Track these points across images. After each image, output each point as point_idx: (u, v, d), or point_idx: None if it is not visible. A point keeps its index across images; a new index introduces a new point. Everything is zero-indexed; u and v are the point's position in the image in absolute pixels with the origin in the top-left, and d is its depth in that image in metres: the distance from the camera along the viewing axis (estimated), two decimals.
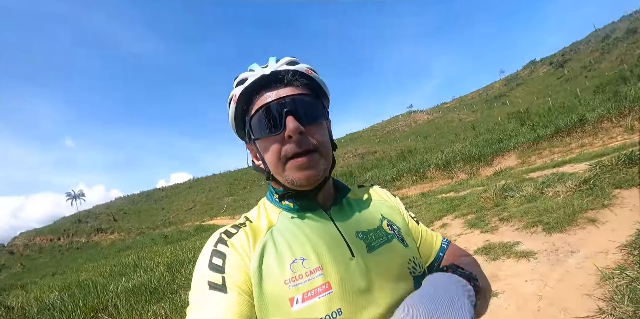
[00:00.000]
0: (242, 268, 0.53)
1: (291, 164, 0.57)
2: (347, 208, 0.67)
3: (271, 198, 0.67)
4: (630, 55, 26.94)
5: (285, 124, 0.55)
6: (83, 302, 4.62)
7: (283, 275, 0.52)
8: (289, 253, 0.55)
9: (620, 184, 3.84)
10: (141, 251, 11.74)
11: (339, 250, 0.56)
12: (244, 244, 0.57)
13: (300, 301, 0.50)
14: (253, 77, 0.59)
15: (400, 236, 0.65)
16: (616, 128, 8.76)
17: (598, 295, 2.00)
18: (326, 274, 0.53)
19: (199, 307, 0.49)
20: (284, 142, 0.57)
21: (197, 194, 51.20)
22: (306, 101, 0.59)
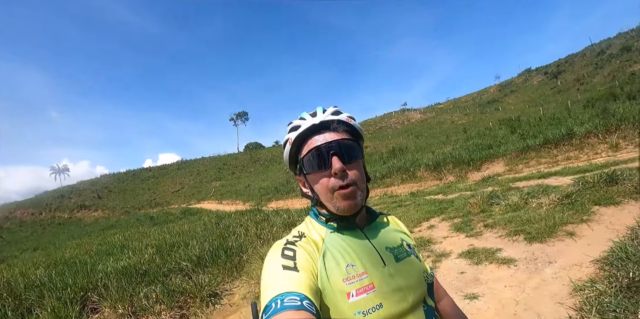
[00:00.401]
0: (310, 263, 0.69)
1: (338, 194, 0.72)
2: (377, 229, 0.83)
3: (316, 219, 0.82)
4: (623, 73, 27.62)
5: (331, 162, 0.71)
6: (73, 280, 4.65)
7: (341, 275, 0.68)
8: (342, 259, 0.71)
9: (599, 201, 4.08)
10: (127, 231, 11.71)
11: (375, 260, 0.73)
12: (310, 250, 0.72)
13: (354, 295, 0.66)
14: (305, 125, 0.75)
15: (416, 254, 0.84)
16: (601, 144, 9.10)
17: (569, 304, 2.20)
18: (370, 277, 0.69)
19: (274, 282, 0.62)
20: (330, 177, 0.72)
21: (185, 176, 50.73)
22: (347, 144, 0.75)
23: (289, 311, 0.53)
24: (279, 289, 0.59)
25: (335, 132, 0.75)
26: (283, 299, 0.56)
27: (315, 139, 0.75)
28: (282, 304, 0.55)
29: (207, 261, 4.78)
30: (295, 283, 0.61)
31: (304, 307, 0.55)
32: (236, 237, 6.06)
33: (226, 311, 3.64)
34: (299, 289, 0.59)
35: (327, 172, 0.72)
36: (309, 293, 0.60)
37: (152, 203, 37.83)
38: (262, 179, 34.51)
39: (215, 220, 9.29)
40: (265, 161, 48.73)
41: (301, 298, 0.57)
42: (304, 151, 0.76)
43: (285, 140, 0.80)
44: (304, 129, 0.75)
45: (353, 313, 0.64)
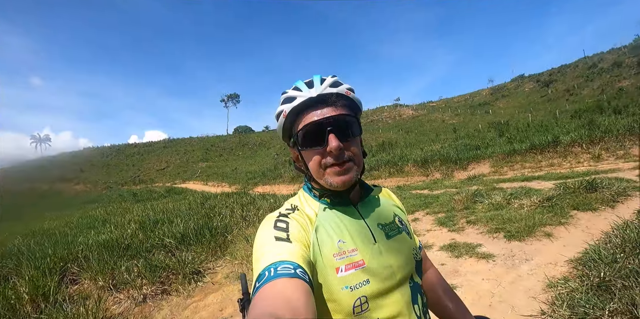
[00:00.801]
0: (303, 235, 0.68)
1: (330, 170, 0.70)
2: (370, 204, 0.82)
3: (310, 193, 0.81)
4: (611, 88, 28.27)
5: (327, 140, 0.68)
6: (52, 250, 4.59)
7: (332, 250, 0.68)
8: (335, 235, 0.71)
9: (578, 206, 4.26)
10: (109, 206, 11.55)
11: (366, 237, 0.73)
12: (303, 222, 0.72)
13: (343, 270, 0.67)
14: (301, 98, 0.70)
15: (407, 230, 0.84)
16: (584, 154, 9.41)
17: (542, 299, 2.32)
18: (361, 254, 0.70)
19: (267, 252, 0.62)
20: (325, 154, 0.70)
21: (171, 155, 49.92)
22: (345, 120, 0.71)
23: (282, 279, 0.54)
24: (272, 259, 0.59)
25: (333, 107, 0.71)
26: (276, 267, 0.56)
27: (312, 114, 0.71)
28: (275, 272, 0.55)
29: (191, 239, 4.78)
30: (289, 253, 0.61)
31: (298, 275, 0.55)
32: (221, 217, 6.05)
33: (208, 289, 3.67)
34: (292, 258, 0.59)
35: (323, 149, 0.69)
36: (302, 262, 0.60)
37: (136, 180, 37.22)
38: (250, 163, 34.32)
39: (200, 200, 9.23)
40: (254, 145, 48.36)
41: (294, 266, 0.57)
42: (299, 125, 0.73)
43: (279, 112, 0.75)
44: (299, 102, 0.71)
45: (340, 288, 0.65)
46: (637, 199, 4.36)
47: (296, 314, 0.48)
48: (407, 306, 0.70)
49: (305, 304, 0.51)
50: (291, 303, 0.50)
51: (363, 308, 0.65)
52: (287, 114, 0.72)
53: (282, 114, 0.74)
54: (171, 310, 3.30)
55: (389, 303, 0.68)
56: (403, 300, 0.70)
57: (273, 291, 0.53)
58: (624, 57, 36.73)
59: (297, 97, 0.71)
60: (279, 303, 0.50)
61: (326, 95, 0.70)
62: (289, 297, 0.51)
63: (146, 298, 3.47)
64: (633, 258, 2.31)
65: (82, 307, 3.12)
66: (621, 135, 9.49)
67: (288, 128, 0.76)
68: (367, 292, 0.66)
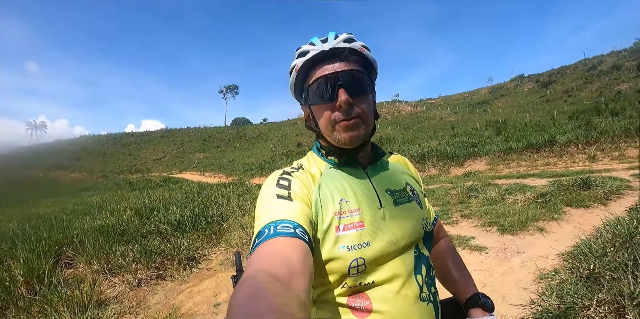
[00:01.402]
0: (305, 193, 0.68)
1: (339, 126, 0.69)
2: (381, 169, 0.80)
3: (318, 153, 0.80)
4: (610, 90, 28.36)
5: (337, 95, 0.66)
6: (47, 234, 4.59)
7: (334, 208, 0.68)
8: (338, 193, 0.70)
9: (571, 203, 4.31)
10: (105, 194, 11.53)
11: (372, 200, 0.72)
12: (306, 181, 0.72)
13: (342, 230, 0.66)
14: (314, 51, 0.69)
15: (418, 199, 0.81)
16: (580, 154, 9.48)
17: (532, 290, 2.37)
18: (362, 215, 0.68)
19: (268, 209, 0.62)
20: (334, 109, 0.68)
21: (168, 145, 49.74)
22: (356, 75, 0.69)
23: (281, 237, 0.54)
24: (272, 217, 0.59)
25: (345, 62, 0.69)
26: (276, 226, 0.56)
27: (324, 68, 0.69)
28: (275, 230, 0.55)
29: (186, 226, 4.80)
30: (289, 211, 0.61)
31: (297, 234, 0.55)
32: (217, 206, 6.08)
33: (203, 275, 3.70)
34: (292, 217, 0.59)
35: (332, 104, 0.68)
36: (302, 222, 0.59)
37: (132, 169, 37.09)
38: (247, 155, 34.26)
39: (197, 190, 9.25)
40: (252, 138, 48.24)
41: (294, 225, 0.57)
42: (310, 80, 0.71)
43: (292, 66, 0.74)
44: (311, 55, 0.69)
45: (337, 247, 0.65)
46: (629, 198, 4.42)
47: (292, 272, 0.48)
48: (408, 274, 0.69)
49: (303, 263, 0.51)
50: (288, 261, 0.50)
51: (360, 269, 0.65)
52: (299, 69, 0.71)
53: (294, 69, 0.72)
54: (165, 295, 3.33)
55: (388, 269, 0.67)
56: (404, 267, 0.69)
57: (271, 248, 0.53)
58: (623, 60, 36.83)
59: (310, 51, 0.69)
60: (276, 261, 0.49)
61: (339, 49, 0.69)
62: (287, 255, 0.51)
63: (141, 283, 3.50)
64: (623, 251, 2.35)
65: (76, 290, 3.13)
66: (617, 136, 9.56)
67: (300, 84, 0.74)
68: (365, 254, 0.65)
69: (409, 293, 0.67)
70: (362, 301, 0.65)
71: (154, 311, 3.00)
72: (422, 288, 0.69)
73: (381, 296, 0.65)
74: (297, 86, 0.75)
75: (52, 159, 45.92)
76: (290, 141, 37.60)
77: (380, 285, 0.66)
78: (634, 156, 8.62)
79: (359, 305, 0.65)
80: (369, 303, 0.65)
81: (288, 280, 0.46)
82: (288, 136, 40.98)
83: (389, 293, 0.66)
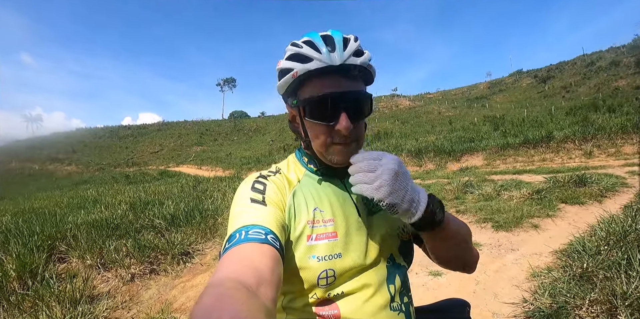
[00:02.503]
0: (279, 198, 0.67)
1: (335, 149, 0.66)
2: None
3: (300, 159, 0.78)
4: (607, 86, 28.38)
5: (339, 119, 0.62)
6: (41, 228, 4.56)
7: (307, 216, 0.67)
8: (312, 202, 0.69)
9: (566, 199, 4.31)
10: (101, 188, 11.47)
11: (349, 210, 0.70)
12: (281, 185, 0.70)
13: (314, 239, 0.65)
14: (320, 63, 0.61)
15: None
16: (576, 150, 9.50)
17: (525, 288, 2.37)
18: (336, 226, 0.67)
19: (241, 212, 0.61)
20: (331, 131, 0.64)
21: (165, 138, 49.53)
22: (361, 99, 0.65)
23: (252, 243, 0.53)
24: (245, 221, 0.58)
25: (352, 81, 0.64)
26: (248, 231, 0.55)
27: (327, 84, 0.63)
28: (246, 235, 0.54)
29: (181, 220, 4.78)
30: (262, 217, 0.60)
31: (268, 241, 0.54)
32: (213, 200, 6.05)
33: (197, 270, 3.69)
34: (264, 222, 0.58)
35: (331, 125, 0.64)
36: (274, 228, 0.58)
37: (129, 162, 36.97)
38: (245, 148, 34.18)
39: (193, 183, 9.21)
40: (250, 131, 48.11)
41: (266, 231, 0.56)
42: (308, 91, 0.65)
43: (286, 68, 0.66)
44: (316, 68, 0.61)
45: (308, 256, 0.64)
46: (624, 195, 4.43)
47: (260, 280, 0.47)
48: (380, 284, 0.67)
49: (271, 271, 0.50)
50: (257, 269, 0.49)
51: (329, 281, 0.64)
52: (299, 76, 0.64)
53: (291, 74, 0.64)
54: (159, 289, 3.32)
55: (358, 279, 0.66)
56: (376, 278, 0.67)
57: (240, 254, 0.52)
58: (622, 57, 36.80)
59: (314, 60, 0.62)
60: (244, 267, 0.48)
61: (349, 66, 0.62)
62: (256, 262, 0.50)
63: (134, 277, 3.48)
64: (616, 250, 2.35)
65: (69, 284, 3.11)
66: (614, 133, 9.58)
67: (293, 89, 0.68)
68: (336, 266, 0.64)
69: (379, 302, 0.65)
70: (330, 310, 0.64)
71: (147, 306, 2.99)
72: (394, 298, 0.68)
73: (350, 304, 0.65)
74: (290, 89, 0.68)
75: (48, 152, 45.67)
76: (288, 134, 37.46)
77: (349, 295, 0.65)
78: (630, 153, 8.65)
79: (328, 313, 0.64)
80: (337, 312, 0.64)
81: (256, 288, 0.45)
82: (286, 130, 40.80)
83: (358, 301, 0.65)
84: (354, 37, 0.66)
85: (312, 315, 0.65)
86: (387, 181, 0.56)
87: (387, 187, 0.56)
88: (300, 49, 0.64)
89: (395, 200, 0.56)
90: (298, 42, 0.66)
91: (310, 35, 0.66)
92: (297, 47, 0.65)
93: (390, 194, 0.56)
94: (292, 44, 0.67)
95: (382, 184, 0.56)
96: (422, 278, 2.76)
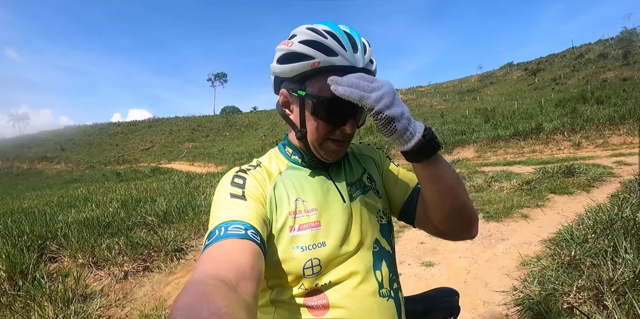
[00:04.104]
0: (259, 191, 0.67)
1: (329, 146, 0.68)
2: (341, 164, 0.78)
3: (283, 151, 0.78)
4: (596, 79, 28.79)
5: (345, 124, 0.65)
6: (30, 228, 4.50)
7: (288, 208, 0.67)
8: (294, 193, 0.69)
9: (555, 190, 4.39)
10: (91, 186, 11.32)
11: (333, 198, 0.71)
12: (261, 178, 0.70)
13: (297, 230, 0.65)
14: (344, 61, 0.61)
15: (375, 188, 0.78)
16: (565, 141, 9.66)
17: (515, 276, 2.41)
18: (319, 215, 0.67)
19: (221, 208, 0.61)
20: (332, 130, 0.67)
21: (156, 134, 48.99)
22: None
23: (232, 239, 0.53)
24: (224, 217, 0.58)
25: None
26: (227, 227, 0.55)
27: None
28: (225, 231, 0.54)
29: (174, 217, 4.76)
30: (242, 212, 0.59)
31: (248, 236, 0.54)
32: (206, 196, 6.03)
33: (190, 266, 3.68)
34: (244, 218, 0.58)
35: (334, 127, 0.66)
36: (255, 222, 0.58)
37: (120, 160, 36.51)
38: (237, 144, 34.00)
39: (185, 180, 9.14)
40: (242, 126, 47.79)
41: (246, 226, 0.56)
42: (319, 85, 0.63)
43: (301, 53, 0.62)
44: (341, 65, 0.61)
45: (292, 247, 0.64)
46: (611, 184, 4.52)
47: (241, 276, 0.47)
48: (367, 271, 0.67)
49: (252, 267, 0.50)
50: (237, 265, 0.48)
51: (315, 270, 0.64)
52: (320, 67, 0.61)
53: (311, 62, 0.61)
54: (152, 287, 3.31)
55: (344, 267, 0.66)
56: (362, 265, 0.67)
57: (220, 251, 0.51)
58: (610, 49, 37.31)
59: (339, 56, 0.60)
60: (224, 264, 0.48)
61: (367, 71, 0.63)
62: (236, 258, 0.50)
63: (127, 275, 3.46)
64: (603, 238, 2.40)
65: (61, 284, 3.08)
66: (602, 124, 9.75)
67: (303, 77, 0.65)
68: (321, 254, 0.64)
69: (367, 289, 0.65)
70: (319, 300, 0.64)
71: (141, 304, 2.98)
72: (383, 284, 0.68)
73: (338, 291, 0.65)
74: (299, 77, 0.65)
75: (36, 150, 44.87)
76: (280, 129, 37.33)
77: (337, 283, 0.65)
78: (617, 144, 8.82)
79: (316, 303, 0.64)
80: (326, 301, 0.64)
81: (236, 284, 0.45)
82: (278, 124, 40.65)
83: (346, 289, 0.65)
84: (368, 43, 0.67)
85: (302, 307, 0.65)
86: (388, 93, 0.55)
87: (389, 97, 0.55)
88: (323, 39, 0.61)
89: (395, 113, 0.55)
90: (319, 29, 0.63)
91: (332, 27, 0.63)
92: (320, 36, 0.61)
93: (391, 105, 0.55)
94: (310, 29, 0.63)
95: (382, 96, 0.55)
96: (414, 268, 2.79)
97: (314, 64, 0.61)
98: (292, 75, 0.65)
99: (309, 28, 0.63)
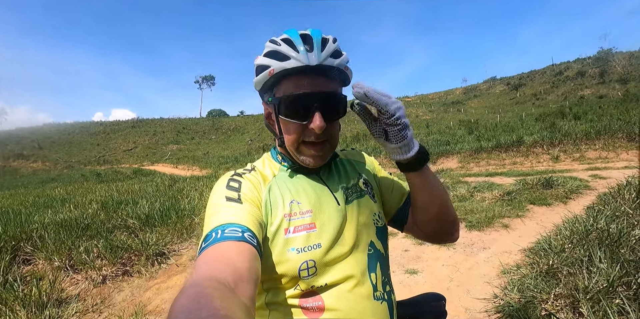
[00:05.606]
0: (254, 194, 0.67)
1: (306, 149, 0.68)
2: (334, 168, 0.80)
3: (275, 156, 0.79)
4: (574, 95, 30.12)
5: (312, 118, 0.63)
6: (3, 229, 4.31)
7: (283, 210, 0.67)
8: (289, 195, 0.70)
9: (534, 201, 4.54)
10: (70, 186, 10.95)
11: (327, 201, 0.71)
12: (256, 182, 0.71)
13: (292, 232, 0.66)
14: (296, 62, 0.61)
15: (372, 192, 0.80)
16: (544, 154, 10.01)
17: (495, 284, 2.47)
18: (314, 217, 0.68)
19: (217, 211, 0.61)
20: (304, 130, 0.66)
21: (139, 135, 47.92)
22: (335, 99, 0.66)
23: (228, 242, 0.53)
24: (221, 220, 0.58)
25: (328, 80, 0.65)
26: (224, 229, 0.56)
27: (302, 83, 0.63)
28: (222, 234, 0.54)
29: (156, 220, 4.65)
30: (238, 214, 0.60)
31: (245, 238, 0.55)
32: (190, 200, 5.92)
33: (172, 271, 3.60)
34: (241, 220, 0.58)
35: (304, 124, 0.65)
36: (251, 225, 0.59)
37: (101, 160, 35.51)
38: (223, 147, 33.63)
39: (168, 182, 8.97)
40: (228, 130, 47.36)
41: (243, 229, 0.56)
42: (283, 89, 0.65)
43: (263, 65, 0.66)
44: (293, 67, 0.61)
45: (287, 249, 0.64)
46: (587, 197, 4.70)
47: (238, 278, 0.47)
48: (362, 274, 0.68)
49: (249, 269, 0.50)
50: (234, 267, 0.49)
51: (310, 272, 0.64)
52: (275, 73, 0.63)
53: (268, 70, 0.64)
54: (132, 292, 3.22)
55: (340, 269, 0.67)
56: (357, 267, 0.68)
57: (217, 253, 0.52)
58: (587, 68, 39.08)
59: (291, 59, 0.62)
60: (221, 266, 0.49)
61: (325, 67, 0.63)
62: (233, 261, 0.50)
63: (106, 279, 3.36)
64: (579, 248, 2.50)
65: (35, 287, 2.96)
66: (579, 139, 10.16)
67: (269, 86, 0.68)
68: (316, 256, 0.65)
69: (362, 292, 0.67)
70: (314, 301, 0.65)
71: (119, 309, 2.89)
72: (377, 287, 0.69)
73: (334, 294, 0.65)
74: (266, 86, 0.68)
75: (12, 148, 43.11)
76: (267, 134, 37.12)
77: (333, 286, 0.66)
78: (593, 158, 9.19)
79: (312, 305, 0.65)
80: (321, 303, 0.65)
81: (234, 286, 0.46)
82: (265, 129, 40.18)
83: (341, 291, 0.66)
84: (332, 38, 0.66)
85: (297, 308, 0.65)
86: (402, 107, 0.63)
87: (403, 109, 0.63)
88: (278, 47, 0.64)
89: (408, 122, 0.64)
90: (277, 39, 0.66)
91: (289, 33, 0.66)
92: (275, 45, 0.65)
93: (405, 116, 0.64)
94: (270, 41, 0.67)
95: (400, 106, 0.63)
96: (398, 276, 2.83)
97: (270, 72, 0.64)
98: (261, 87, 0.69)
99: (270, 40, 0.68)
